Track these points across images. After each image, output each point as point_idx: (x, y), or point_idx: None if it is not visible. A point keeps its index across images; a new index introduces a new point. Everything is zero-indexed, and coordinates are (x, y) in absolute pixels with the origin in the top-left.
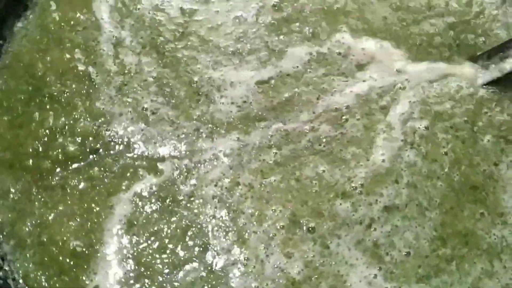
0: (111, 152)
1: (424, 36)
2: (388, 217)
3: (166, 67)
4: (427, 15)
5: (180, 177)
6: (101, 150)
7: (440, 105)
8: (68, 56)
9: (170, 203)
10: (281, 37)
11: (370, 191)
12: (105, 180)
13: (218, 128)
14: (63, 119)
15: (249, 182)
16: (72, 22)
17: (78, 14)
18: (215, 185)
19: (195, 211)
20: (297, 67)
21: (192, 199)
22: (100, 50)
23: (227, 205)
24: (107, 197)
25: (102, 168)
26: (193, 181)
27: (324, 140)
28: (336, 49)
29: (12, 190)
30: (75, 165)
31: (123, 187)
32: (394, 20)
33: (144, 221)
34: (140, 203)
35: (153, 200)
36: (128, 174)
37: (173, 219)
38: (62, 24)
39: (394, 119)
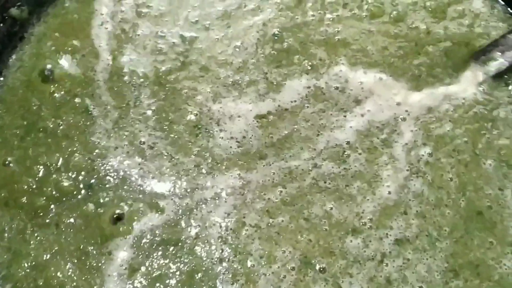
0: (107, 186)
1: (423, 67)
2: (400, 251)
3: (166, 100)
4: (426, 41)
5: (182, 217)
6: (95, 185)
7: (440, 129)
8: (65, 88)
9: (173, 246)
10: (280, 69)
11: (380, 225)
12: (100, 217)
13: (219, 165)
14: (57, 154)
15: (255, 222)
16: (70, 50)
17: (76, 42)
18: (220, 226)
19: (200, 254)
20: (295, 101)
21: (196, 241)
22: (97, 80)
23: (234, 246)
24: (104, 239)
25: (96, 204)
26: (196, 222)
27: (328, 177)
28: (334, 84)
29: (7, 229)
30: (69, 201)
31: (121, 228)
32: (393, 51)
33: (147, 265)
34: (141, 246)
35: (155, 243)
36: (125, 212)
37: (178, 263)
38: (59, 53)
39: (398, 151)
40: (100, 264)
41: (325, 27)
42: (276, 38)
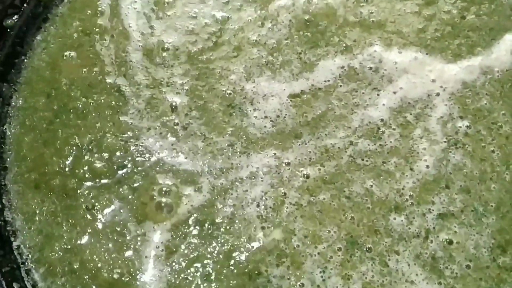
0: (139, 168)
1: (464, 46)
2: (445, 225)
3: (199, 79)
4: (462, 26)
5: (218, 197)
6: (129, 166)
7: (478, 102)
8: (95, 69)
9: (209, 226)
10: (314, 49)
11: (421, 200)
12: (135, 200)
13: (253, 144)
14: (89, 135)
15: (296, 200)
16: (97, 31)
17: (104, 22)
18: (257, 205)
19: (238, 233)
20: (329, 81)
21: (233, 220)
22: (130, 61)
23: (276, 224)
24: (140, 221)
25: (130, 186)
26: (231, 201)
27: (365, 154)
28: (368, 64)
29: (38, 211)
30: (103, 182)
31: (156, 210)
32: (429, 32)
33: (184, 247)
34: (177, 228)
35: (191, 224)
36: (160, 193)
37: (215, 244)
38: (86, 34)
39: (432, 123)
40: (137, 246)
41: (359, 9)
42: (310, 19)
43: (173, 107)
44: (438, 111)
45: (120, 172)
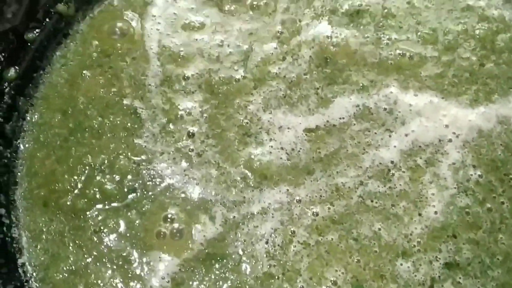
0: (150, 193)
1: (481, 93)
2: (450, 275)
3: (217, 108)
4: (480, 73)
5: (229, 231)
6: (139, 190)
7: (492, 153)
8: (113, 89)
9: (219, 261)
10: (331, 86)
11: (429, 248)
12: (143, 226)
13: (267, 180)
14: (102, 155)
15: (304, 239)
16: (118, 52)
17: (125, 43)
18: (266, 242)
19: (246, 270)
20: (343, 118)
21: (242, 256)
22: (148, 84)
23: (282, 263)
24: (147, 249)
25: (139, 211)
26: (242, 237)
27: (374, 195)
28: (383, 105)
29: (45, 230)
30: (112, 205)
31: (163, 238)
32: (448, 78)
33: (191, 281)
34: (185, 260)
35: (199, 257)
36: (168, 220)
37: (223, 280)
38: (107, 55)
39: (443, 170)
40: (142, 274)
41: (379, 50)
42: (329, 56)
43: (190, 133)
44: (450, 158)
45: (130, 196)
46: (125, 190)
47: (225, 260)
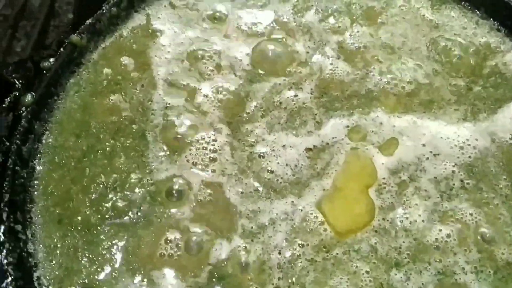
0: (161, 209)
1: (469, 113)
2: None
3: (229, 137)
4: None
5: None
6: (150, 206)
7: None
8: (124, 114)
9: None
10: (327, 111)
11: (418, 259)
12: (151, 242)
13: (276, 193)
14: (114, 175)
15: (311, 257)
16: (127, 79)
17: (134, 72)
18: (279, 253)
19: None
20: (336, 137)
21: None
22: (153, 109)
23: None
24: (153, 266)
25: (147, 228)
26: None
27: None
28: (371, 128)
29: (59, 245)
30: (123, 221)
31: (172, 255)
32: (436, 102)
33: None
34: (192, 277)
35: (210, 276)
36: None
37: None
38: (117, 82)
39: (424, 183)
40: None
41: (366, 84)
42: (326, 88)
43: (200, 152)
44: (431, 172)
45: (140, 212)
46: (136, 206)
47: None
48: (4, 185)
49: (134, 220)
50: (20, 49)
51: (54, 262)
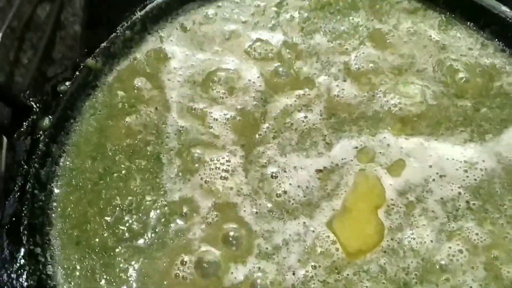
0: (175, 231)
1: (476, 134)
2: None
3: (242, 158)
4: (475, 117)
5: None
6: (165, 228)
7: (488, 188)
8: (139, 136)
9: None
10: (335, 132)
11: (425, 280)
12: (168, 262)
13: (289, 213)
14: (130, 197)
15: (323, 278)
16: (142, 101)
17: (148, 95)
18: (293, 274)
19: None
20: (345, 158)
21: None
22: (167, 132)
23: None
24: (174, 284)
25: (162, 249)
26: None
27: None
28: (378, 149)
29: (78, 267)
30: (139, 243)
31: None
32: (444, 122)
33: None
34: None
35: None
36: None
37: None
38: (131, 105)
39: (431, 204)
40: None
41: (373, 106)
42: (334, 110)
43: (214, 174)
44: (439, 193)
45: (156, 234)
46: (151, 229)
47: None
48: (24, 208)
49: (149, 242)
50: (27, 61)
51: (72, 283)
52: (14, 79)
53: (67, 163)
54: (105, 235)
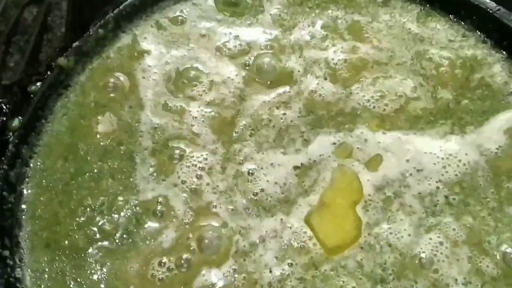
0: (147, 232)
1: (456, 126)
2: None
3: (219, 156)
4: (456, 109)
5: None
6: (138, 229)
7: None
8: (112, 136)
9: None
10: (313, 129)
11: (401, 276)
12: (139, 264)
13: (265, 210)
14: (102, 197)
15: (300, 276)
16: (114, 101)
17: (121, 93)
18: (270, 271)
19: None
20: (323, 155)
21: None
22: (140, 131)
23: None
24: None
25: (134, 250)
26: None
27: None
28: (356, 145)
29: (47, 270)
30: (111, 244)
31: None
32: (424, 117)
33: None
34: None
35: None
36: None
37: None
38: (103, 105)
39: (408, 199)
40: None
41: (351, 101)
42: (313, 107)
43: (188, 173)
44: (416, 188)
45: (129, 235)
46: (123, 229)
47: None
48: None
49: (121, 243)
50: (13, 64)
51: (42, 287)
52: (1, 83)
53: (38, 163)
54: (76, 236)
